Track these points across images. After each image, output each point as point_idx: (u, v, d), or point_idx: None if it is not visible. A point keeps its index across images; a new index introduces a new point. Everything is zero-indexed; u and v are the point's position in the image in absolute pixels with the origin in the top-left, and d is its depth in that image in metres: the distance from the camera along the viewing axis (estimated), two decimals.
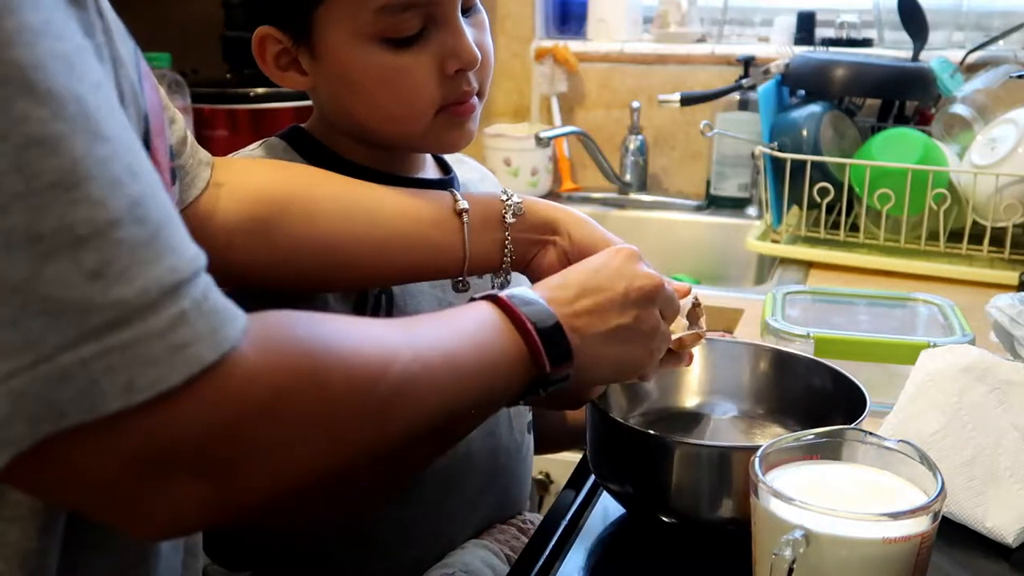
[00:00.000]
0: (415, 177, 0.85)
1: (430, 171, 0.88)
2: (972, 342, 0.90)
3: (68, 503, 0.46)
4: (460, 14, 0.76)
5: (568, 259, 0.76)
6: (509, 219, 0.76)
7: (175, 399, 0.41)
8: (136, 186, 0.42)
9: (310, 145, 0.82)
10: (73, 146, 0.40)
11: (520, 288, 0.62)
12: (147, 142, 0.49)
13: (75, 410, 0.40)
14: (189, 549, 0.63)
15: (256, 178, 0.74)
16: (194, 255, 0.44)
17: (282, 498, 0.48)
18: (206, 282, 0.44)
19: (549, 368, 0.59)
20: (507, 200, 0.76)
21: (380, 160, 0.82)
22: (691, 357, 0.77)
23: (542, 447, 0.99)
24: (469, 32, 0.76)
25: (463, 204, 0.75)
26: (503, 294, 0.60)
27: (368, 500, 0.66)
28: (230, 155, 0.82)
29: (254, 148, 0.83)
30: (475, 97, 0.79)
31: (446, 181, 0.87)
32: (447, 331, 0.57)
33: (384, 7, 0.73)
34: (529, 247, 0.77)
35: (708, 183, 1.91)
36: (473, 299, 0.61)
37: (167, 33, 2.05)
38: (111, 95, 0.44)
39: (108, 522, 0.46)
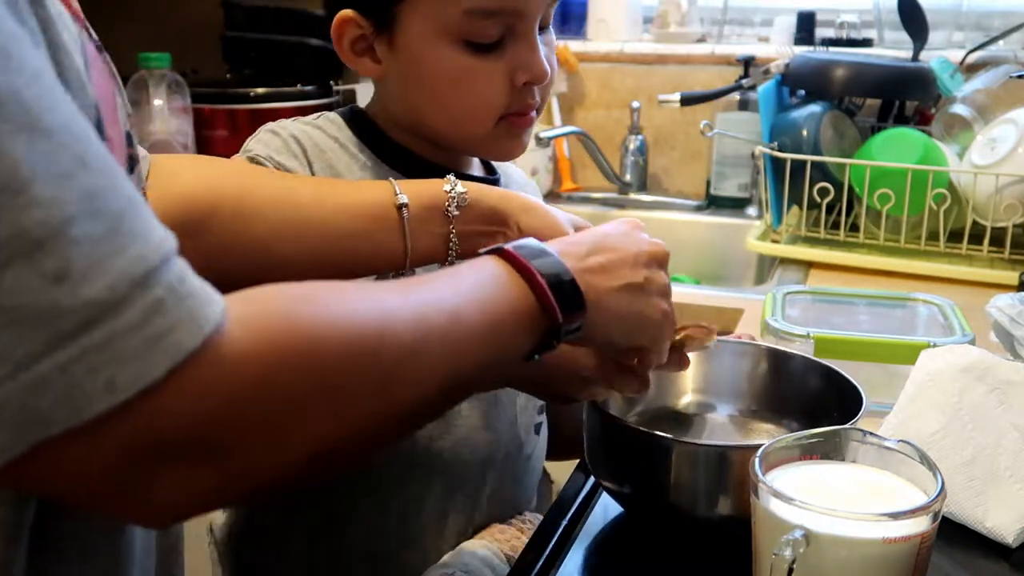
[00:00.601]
0: (464, 173, 0.86)
1: (476, 170, 0.90)
2: (972, 342, 0.90)
3: (65, 500, 0.46)
4: (537, 30, 0.79)
5: None
6: (453, 212, 0.74)
7: (161, 390, 0.40)
8: (88, 177, 0.40)
9: (367, 127, 0.85)
10: (13, 147, 0.38)
11: (528, 239, 0.60)
12: (100, 131, 0.46)
13: (60, 416, 0.39)
14: (165, 552, 0.61)
15: (180, 182, 0.72)
16: (160, 239, 0.42)
17: (291, 475, 0.47)
18: (180, 265, 0.42)
19: (561, 317, 0.58)
20: (451, 191, 0.74)
21: (432, 153, 0.85)
22: (687, 360, 0.75)
23: (559, 453, 1.00)
24: (541, 50, 0.80)
25: (402, 199, 0.73)
26: (509, 246, 0.59)
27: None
28: (285, 120, 0.85)
29: (316, 118, 0.85)
30: (534, 111, 0.82)
31: (492, 181, 0.89)
32: (451, 290, 0.54)
33: (472, 10, 0.76)
34: (476, 239, 0.75)
35: (708, 183, 1.91)
36: (479, 253, 0.60)
37: (167, 33, 2.05)
38: (52, 83, 0.42)
39: (109, 514, 0.45)
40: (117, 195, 0.41)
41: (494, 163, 0.92)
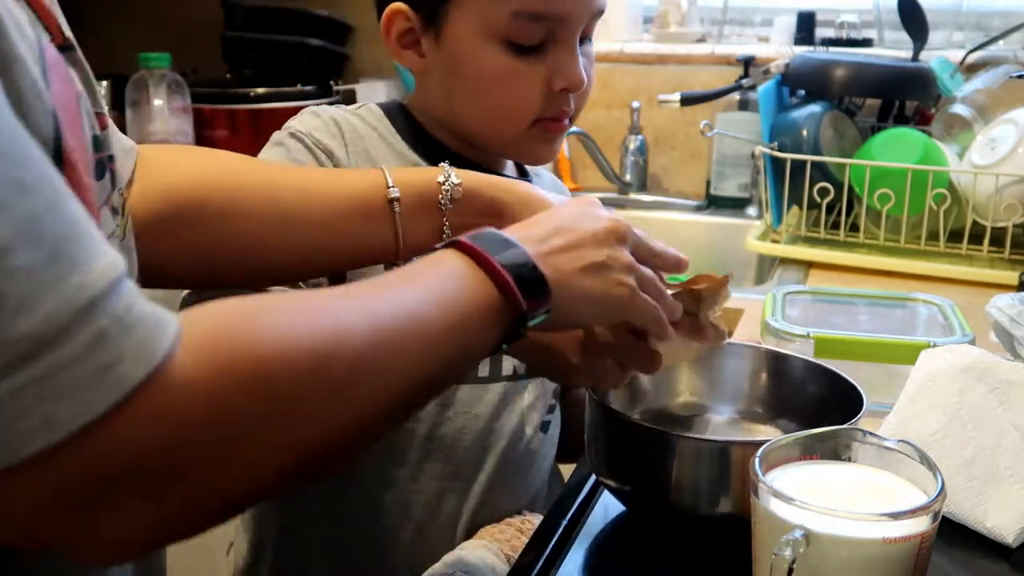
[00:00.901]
0: (498, 173, 0.88)
1: (510, 171, 0.92)
2: (972, 342, 0.90)
3: (7, 540, 0.43)
4: (578, 39, 0.82)
5: None
6: (446, 204, 0.72)
7: (105, 425, 0.38)
8: (27, 202, 0.38)
9: (406, 121, 0.87)
10: None
11: (486, 229, 0.59)
12: (58, 140, 0.45)
13: None
14: (142, 568, 0.60)
15: (169, 175, 0.70)
16: (107, 265, 0.40)
17: (262, 490, 0.46)
18: (128, 292, 0.40)
19: (526, 306, 0.57)
20: (444, 183, 0.73)
21: (467, 151, 0.86)
22: (721, 330, 0.73)
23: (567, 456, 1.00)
24: (580, 60, 0.82)
25: (394, 192, 0.71)
26: (466, 238, 0.57)
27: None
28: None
29: (358, 107, 0.87)
30: (567, 119, 0.84)
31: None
32: (408, 292, 0.53)
33: (519, 12, 0.78)
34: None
35: (708, 183, 1.91)
36: (434, 248, 0.58)
37: (167, 33, 2.05)
38: None
39: (56, 551, 0.43)
40: (59, 219, 0.39)
41: (529, 168, 0.94)
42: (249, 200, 0.71)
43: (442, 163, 0.75)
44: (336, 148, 0.82)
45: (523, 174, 0.94)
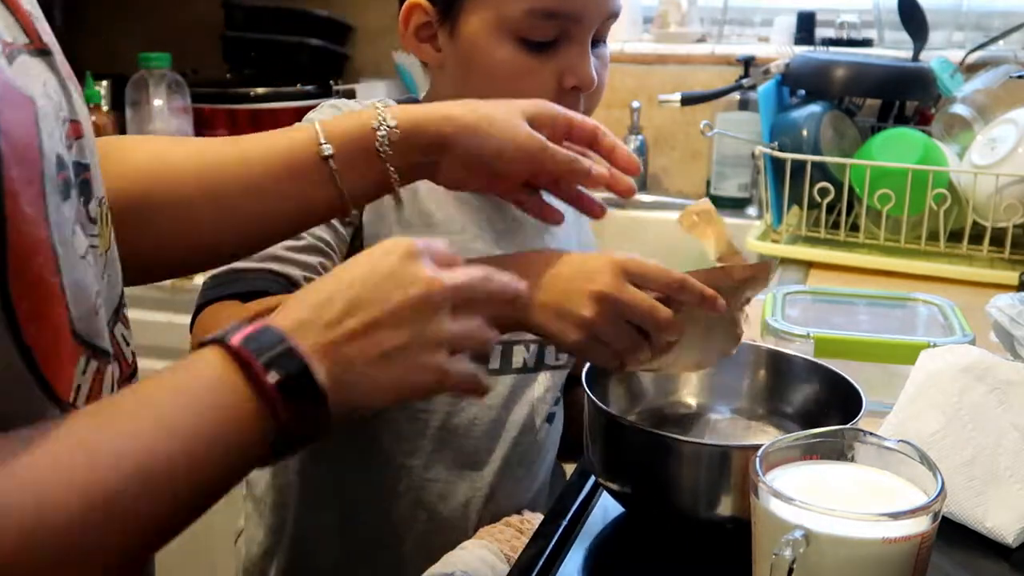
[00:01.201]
0: None
1: None
2: (972, 342, 0.90)
3: None
4: (591, 40, 0.83)
5: (471, 168, 0.70)
6: (385, 150, 0.68)
7: None
8: None
9: None
10: None
11: (264, 325, 0.52)
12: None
13: None
14: None
15: (110, 177, 0.64)
16: None
17: None
18: None
19: (287, 422, 0.50)
20: (379, 128, 0.68)
21: None
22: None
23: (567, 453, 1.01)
24: (592, 61, 0.83)
25: (327, 149, 0.68)
26: (236, 340, 0.50)
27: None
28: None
29: (375, 101, 0.86)
30: None
31: None
32: (151, 425, 0.47)
33: (534, 9, 0.80)
34: (418, 171, 0.71)
35: (708, 183, 1.91)
36: (202, 344, 0.52)
37: (167, 33, 2.05)
38: None
39: None
40: None
41: None
42: (184, 184, 0.68)
43: (375, 102, 0.71)
44: None
45: None
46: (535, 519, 0.91)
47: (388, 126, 0.68)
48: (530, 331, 0.69)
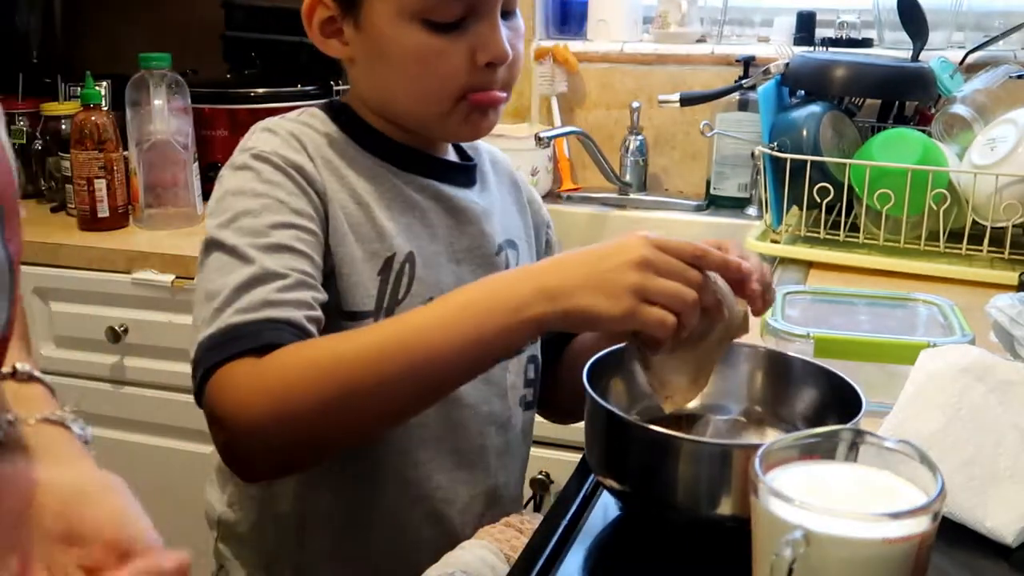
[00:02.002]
0: (441, 158, 0.90)
1: (451, 155, 0.92)
2: (972, 342, 0.90)
3: None
4: (499, 12, 0.81)
5: None
6: None
7: None
8: None
9: (349, 118, 0.86)
10: None
11: None
12: None
13: None
14: None
15: None
16: None
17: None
18: None
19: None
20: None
21: (406, 137, 0.87)
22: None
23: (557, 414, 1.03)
24: (504, 33, 0.81)
25: None
26: None
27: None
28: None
29: (299, 114, 0.87)
30: (500, 92, 0.83)
31: (469, 167, 0.92)
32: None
33: None
34: None
35: (708, 183, 1.91)
36: None
37: (167, 33, 2.05)
38: None
39: None
40: None
41: (468, 149, 0.95)
42: None
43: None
44: (303, 162, 0.81)
45: (465, 158, 0.94)
46: (535, 519, 0.91)
47: None
48: (577, 316, 0.69)
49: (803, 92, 1.62)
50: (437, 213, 0.88)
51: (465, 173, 0.92)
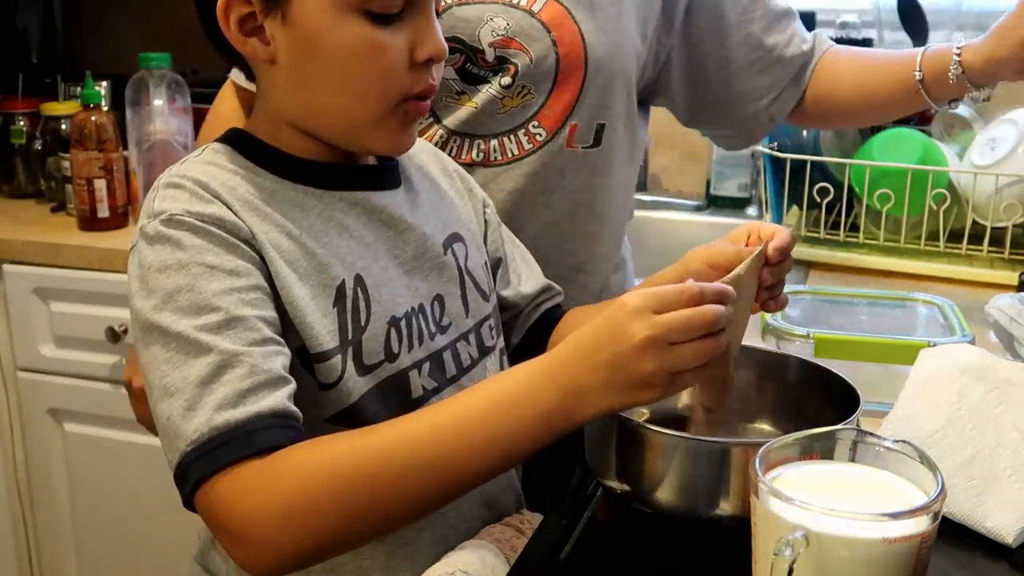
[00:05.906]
0: (363, 165, 0.84)
1: (371, 159, 0.86)
2: (972, 342, 0.90)
3: None
4: (433, 8, 0.77)
5: None
6: None
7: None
8: None
9: (255, 147, 0.80)
10: None
11: None
12: None
13: None
14: None
15: None
16: None
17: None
18: None
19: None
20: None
21: (321, 153, 0.81)
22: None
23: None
24: (439, 29, 0.77)
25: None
26: None
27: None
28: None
29: (201, 153, 0.81)
30: (427, 100, 0.79)
31: (391, 166, 0.86)
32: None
33: None
34: None
35: (708, 183, 1.91)
36: None
37: (167, 33, 2.05)
38: None
39: None
40: None
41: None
42: None
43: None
44: (220, 212, 0.74)
45: (381, 158, 0.87)
46: (535, 519, 0.91)
47: None
48: (608, 414, 0.68)
49: None
50: (372, 228, 0.83)
51: (390, 173, 0.86)
